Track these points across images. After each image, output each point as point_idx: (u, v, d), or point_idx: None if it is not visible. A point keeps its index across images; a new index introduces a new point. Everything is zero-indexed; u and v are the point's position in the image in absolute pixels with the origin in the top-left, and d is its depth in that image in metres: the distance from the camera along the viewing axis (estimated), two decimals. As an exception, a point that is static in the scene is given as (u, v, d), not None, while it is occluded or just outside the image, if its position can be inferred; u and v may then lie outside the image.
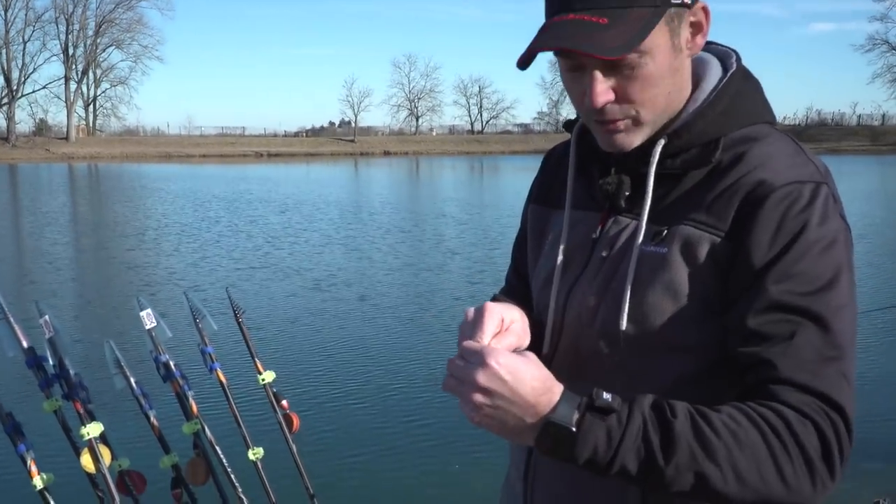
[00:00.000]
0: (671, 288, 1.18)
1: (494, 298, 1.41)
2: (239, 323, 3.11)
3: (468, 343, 1.10)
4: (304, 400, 6.47)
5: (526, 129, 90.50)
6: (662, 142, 1.23)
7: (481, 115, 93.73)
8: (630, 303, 1.20)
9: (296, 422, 3.14)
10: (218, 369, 2.98)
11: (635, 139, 1.24)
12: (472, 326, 1.16)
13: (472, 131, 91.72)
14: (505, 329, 1.20)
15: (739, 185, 1.17)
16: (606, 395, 1.05)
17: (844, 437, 1.07)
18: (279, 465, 3.38)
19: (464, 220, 20.17)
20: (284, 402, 3.13)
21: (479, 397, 1.04)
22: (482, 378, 1.04)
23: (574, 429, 1.04)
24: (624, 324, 1.20)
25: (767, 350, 1.10)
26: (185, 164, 56.18)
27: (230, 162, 59.17)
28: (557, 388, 1.06)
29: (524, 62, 1.17)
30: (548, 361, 1.32)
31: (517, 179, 37.13)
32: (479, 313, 1.17)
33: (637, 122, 1.22)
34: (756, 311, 1.12)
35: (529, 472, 1.36)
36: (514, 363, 1.05)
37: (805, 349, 1.09)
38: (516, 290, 1.52)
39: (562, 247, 1.35)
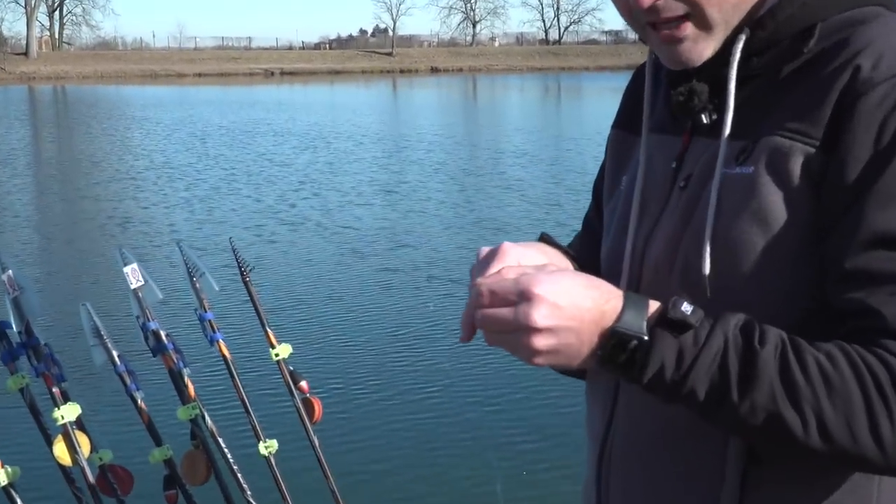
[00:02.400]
0: (760, 216, 1.19)
1: (542, 238, 1.43)
2: (246, 283, 3.15)
3: (490, 282, 1.12)
4: (328, 382, 6.59)
5: (616, 38, 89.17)
6: (744, 36, 1.24)
7: (558, 20, 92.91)
8: (713, 240, 1.22)
9: (318, 408, 3.17)
10: (220, 341, 3.02)
11: (704, 49, 1.25)
12: (480, 271, 1.19)
13: (546, 41, 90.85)
14: None
15: (835, 78, 1.18)
16: (686, 307, 1.10)
17: None
18: (297, 462, 3.47)
19: (547, 158, 19.95)
20: (304, 384, 3.17)
21: (541, 340, 1.08)
22: (539, 317, 1.07)
23: (646, 337, 1.09)
24: (707, 266, 1.22)
25: (871, 296, 1.11)
26: (175, 85, 56.75)
27: (233, 83, 59.63)
28: (617, 291, 1.13)
29: None
30: None
31: (607, 104, 36.70)
32: (490, 256, 1.20)
33: (703, 25, 1.23)
34: (854, 246, 1.13)
35: (603, 471, 1.41)
36: (558, 281, 1.10)
37: None
38: (591, 235, 1.56)
39: (638, 181, 1.37)
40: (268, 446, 3.06)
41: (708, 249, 1.22)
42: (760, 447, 1.20)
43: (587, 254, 1.50)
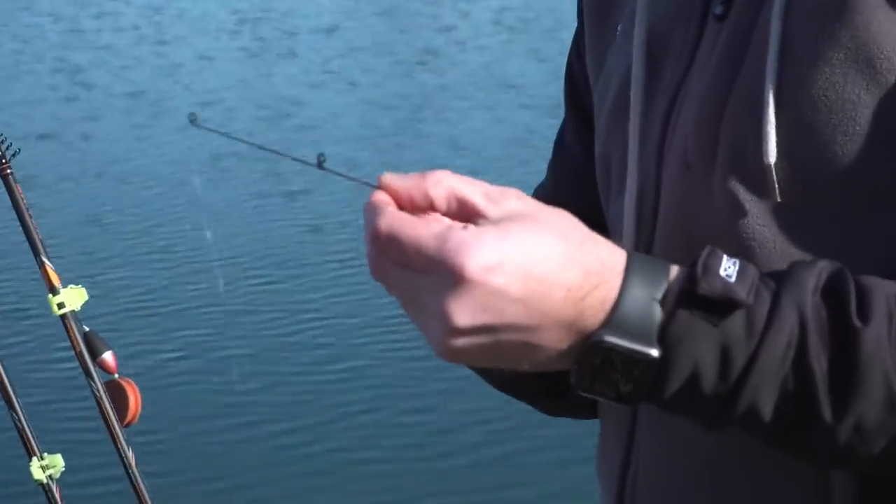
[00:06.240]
0: (861, 57, 1.19)
1: None
2: (6, 178, 3.14)
3: (409, 232, 1.06)
4: (150, 355, 6.69)
5: None
6: None
7: None
8: (779, 103, 1.21)
9: (133, 399, 3.22)
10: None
11: None
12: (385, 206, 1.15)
13: None
14: None
15: None
16: (727, 266, 1.09)
17: None
18: (97, 491, 3.47)
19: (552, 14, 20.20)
20: (108, 357, 3.23)
21: (462, 341, 1.07)
22: (462, 315, 1.05)
23: (655, 353, 1.07)
24: (772, 150, 1.22)
25: None
26: None
27: None
28: (617, 260, 1.09)
29: None
30: None
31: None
32: (409, 179, 1.15)
33: None
34: None
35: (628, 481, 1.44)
36: (516, 246, 1.05)
37: None
38: (572, 165, 1.66)
39: (639, 12, 1.38)
40: (47, 465, 3.10)
41: (772, 120, 1.22)
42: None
43: (570, 200, 1.47)
